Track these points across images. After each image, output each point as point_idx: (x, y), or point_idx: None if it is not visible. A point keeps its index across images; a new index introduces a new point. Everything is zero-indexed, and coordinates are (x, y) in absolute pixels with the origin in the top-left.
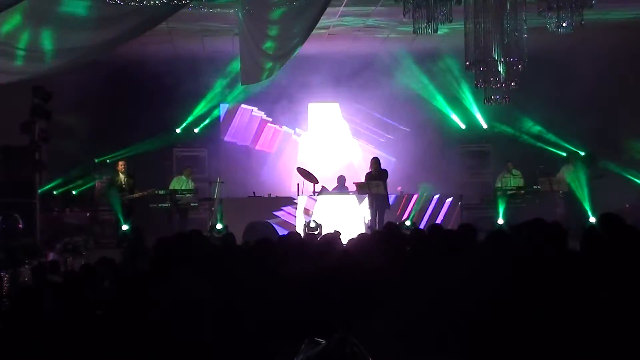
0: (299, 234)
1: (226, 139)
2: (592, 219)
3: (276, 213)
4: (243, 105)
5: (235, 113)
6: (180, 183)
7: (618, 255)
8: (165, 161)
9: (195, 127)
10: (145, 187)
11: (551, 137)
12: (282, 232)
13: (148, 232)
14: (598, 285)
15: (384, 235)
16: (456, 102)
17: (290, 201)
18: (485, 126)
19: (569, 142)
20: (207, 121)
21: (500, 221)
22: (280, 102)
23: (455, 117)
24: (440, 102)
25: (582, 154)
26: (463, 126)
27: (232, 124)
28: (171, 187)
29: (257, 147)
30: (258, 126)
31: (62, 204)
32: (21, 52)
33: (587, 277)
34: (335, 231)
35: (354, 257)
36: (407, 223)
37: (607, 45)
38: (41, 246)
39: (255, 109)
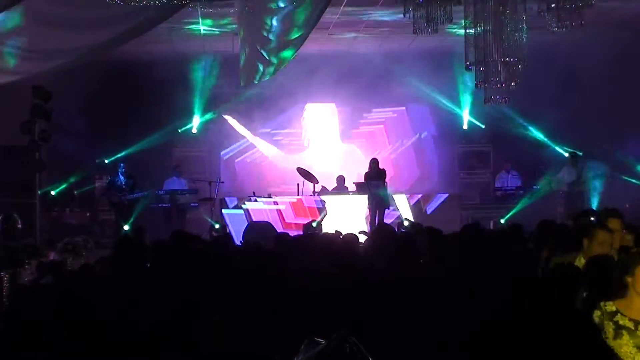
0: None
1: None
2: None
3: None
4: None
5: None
6: (172, 184)
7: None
8: (165, 161)
9: (196, 127)
10: (145, 187)
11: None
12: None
13: (147, 232)
14: None
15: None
16: (456, 102)
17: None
18: (486, 126)
19: (569, 142)
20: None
21: (502, 221)
22: (280, 102)
23: (455, 117)
24: (441, 102)
25: (580, 154)
26: (465, 127)
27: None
28: (165, 189)
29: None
30: None
31: (62, 204)
32: (21, 52)
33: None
34: (336, 231)
35: (357, 257)
36: (406, 223)
37: (610, 45)
38: (41, 246)
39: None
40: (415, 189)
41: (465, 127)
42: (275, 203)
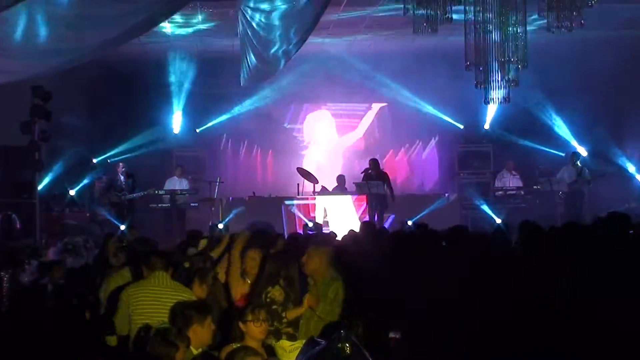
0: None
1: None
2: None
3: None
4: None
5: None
6: (172, 184)
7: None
8: (165, 161)
9: (197, 127)
10: (145, 187)
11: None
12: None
13: (148, 232)
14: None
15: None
16: (456, 102)
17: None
18: (486, 127)
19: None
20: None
21: (498, 220)
22: (279, 102)
23: (454, 117)
24: (441, 102)
25: (585, 154)
26: (462, 126)
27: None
28: (165, 189)
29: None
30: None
31: (62, 204)
32: (21, 52)
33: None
34: (332, 232)
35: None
36: (409, 223)
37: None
38: (41, 246)
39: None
40: (414, 190)
41: (463, 127)
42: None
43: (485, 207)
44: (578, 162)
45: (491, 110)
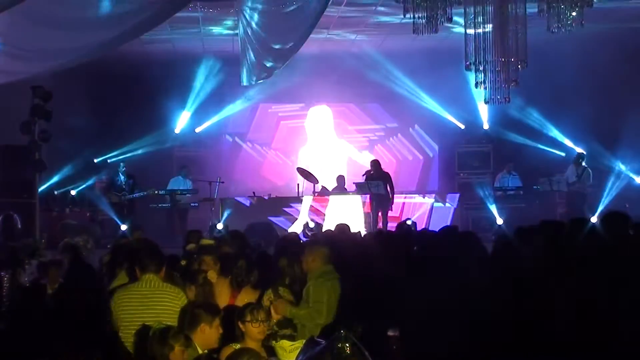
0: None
1: (250, 136)
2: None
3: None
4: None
5: (257, 111)
6: (177, 184)
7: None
8: (165, 161)
9: (197, 127)
10: (146, 187)
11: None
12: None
13: (149, 233)
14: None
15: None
16: (456, 102)
17: (293, 200)
18: (486, 127)
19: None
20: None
21: (500, 221)
22: (279, 102)
23: (455, 117)
24: (441, 102)
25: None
26: (462, 126)
27: (253, 122)
28: (169, 188)
29: (273, 146)
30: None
31: (62, 204)
32: (21, 52)
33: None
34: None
35: (357, 257)
36: (408, 222)
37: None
38: (41, 246)
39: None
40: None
41: (464, 127)
42: None
43: (485, 208)
44: (583, 163)
45: (491, 110)
